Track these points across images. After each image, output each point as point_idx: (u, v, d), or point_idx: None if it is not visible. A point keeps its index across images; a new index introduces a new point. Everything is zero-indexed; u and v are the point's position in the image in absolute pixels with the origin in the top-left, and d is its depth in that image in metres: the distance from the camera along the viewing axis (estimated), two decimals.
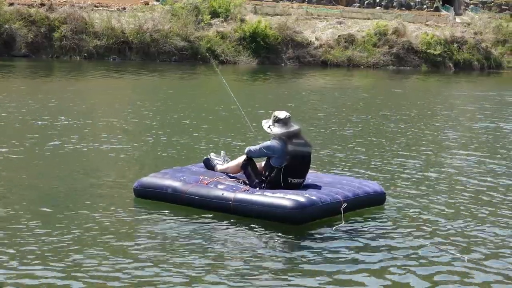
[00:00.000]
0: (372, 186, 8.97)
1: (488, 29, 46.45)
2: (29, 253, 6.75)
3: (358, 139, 14.72)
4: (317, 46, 41.59)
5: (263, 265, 6.70)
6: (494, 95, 28.19)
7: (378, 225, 8.23)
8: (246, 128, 11.72)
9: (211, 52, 38.00)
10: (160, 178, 8.75)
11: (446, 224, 8.36)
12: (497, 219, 8.70)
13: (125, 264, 6.54)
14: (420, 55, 43.53)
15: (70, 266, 6.45)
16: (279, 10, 44.97)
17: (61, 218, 7.93)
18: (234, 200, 8.11)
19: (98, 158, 11.59)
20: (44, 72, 28.87)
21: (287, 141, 8.43)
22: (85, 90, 23.21)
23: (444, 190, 10.22)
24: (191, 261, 6.71)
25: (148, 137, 13.61)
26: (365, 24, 44.70)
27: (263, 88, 27.31)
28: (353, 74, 37.81)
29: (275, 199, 7.99)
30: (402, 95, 26.94)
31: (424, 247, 7.42)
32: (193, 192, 8.35)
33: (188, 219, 8.04)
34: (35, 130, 13.97)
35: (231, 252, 7.05)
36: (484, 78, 40.07)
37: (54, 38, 35.77)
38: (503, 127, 17.81)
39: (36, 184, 9.52)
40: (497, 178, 11.18)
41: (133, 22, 37.62)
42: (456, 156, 13.09)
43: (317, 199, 8.00)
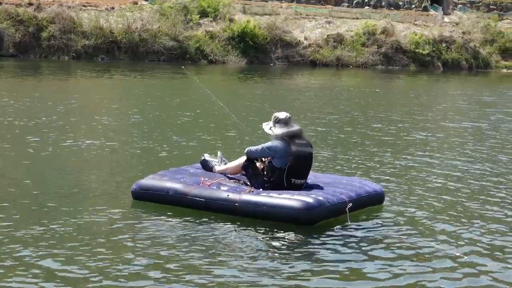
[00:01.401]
0: (372, 185, 8.98)
1: (476, 29, 46.58)
2: (22, 257, 6.64)
3: (348, 138, 14.69)
4: (306, 46, 41.59)
5: (268, 266, 6.63)
6: (484, 94, 28.21)
7: (381, 224, 8.22)
8: (237, 126, 11.63)
9: (200, 51, 37.92)
10: (160, 180, 8.62)
11: (445, 222, 8.38)
12: (494, 216, 8.72)
13: (125, 269, 6.45)
14: (408, 55, 43.61)
15: (65, 271, 6.34)
16: (268, 9, 44.94)
17: (54, 219, 7.83)
18: (240, 202, 8.02)
19: (87, 159, 11.40)
20: (31, 72, 28.56)
21: (290, 142, 8.36)
22: (73, 90, 23.06)
23: (440, 187, 10.22)
24: (195, 264, 6.63)
25: (138, 139, 13.43)
26: (353, 24, 44.75)
27: (252, 87, 27.20)
28: (341, 73, 37.82)
29: (283, 200, 7.92)
30: (391, 95, 26.94)
31: (425, 246, 7.42)
32: (196, 194, 8.25)
33: (189, 221, 7.95)
34: (21, 130, 13.82)
35: (233, 253, 6.97)
36: (473, 77, 40.14)
37: (42, 37, 35.57)
38: (497, 126, 17.80)
39: (28, 187, 9.35)
40: (495, 175, 11.18)
41: (121, 22, 37.47)
42: (449, 155, 13.08)
43: (324, 200, 7.96)
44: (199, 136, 13.95)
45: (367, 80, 35.13)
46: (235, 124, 11.11)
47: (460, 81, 37.12)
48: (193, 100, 20.98)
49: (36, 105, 17.53)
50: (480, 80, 39.19)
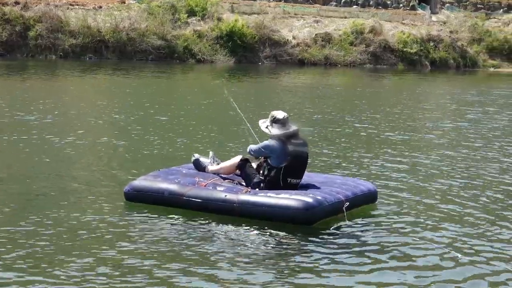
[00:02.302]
0: (366, 184, 9.02)
1: (464, 28, 46.69)
2: (15, 258, 6.57)
3: (338, 137, 14.66)
4: (294, 45, 41.55)
5: (266, 266, 6.59)
6: (472, 93, 28.26)
7: (375, 223, 8.23)
8: (228, 126, 11.57)
9: (188, 51, 37.83)
10: (153, 181, 8.52)
11: (438, 219, 8.43)
12: (493, 212, 8.73)
13: (119, 271, 6.37)
14: (396, 54, 43.63)
15: (58, 275, 6.26)
16: (256, 8, 44.89)
17: (42, 220, 7.75)
18: (238, 202, 7.97)
19: (75, 160, 11.29)
20: (17, 71, 28.36)
21: (286, 142, 8.32)
22: (59, 89, 22.94)
23: (430, 185, 10.26)
24: (191, 266, 6.56)
25: (124, 139, 13.25)
26: (342, 23, 44.75)
27: (240, 86, 27.15)
28: (330, 72, 37.81)
29: (282, 200, 7.89)
30: (381, 94, 26.94)
31: (421, 244, 7.44)
32: (192, 195, 8.16)
33: (183, 222, 7.87)
34: (9, 129, 13.70)
35: (228, 253, 6.90)
36: (460, 76, 40.22)
37: (29, 37, 35.38)
38: (493, 123, 17.82)
39: (15, 188, 9.23)
40: (493, 172, 11.20)
41: (109, 21, 37.31)
42: (440, 152, 13.09)
43: (322, 199, 7.95)
44: (186, 136, 13.85)
45: (354, 79, 35.18)
46: (227, 124, 11.04)
47: (447, 80, 37.16)
48: (177, 100, 20.89)
49: (24, 104, 17.38)
50: (467, 79, 39.27)
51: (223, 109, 17.85)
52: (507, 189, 10.23)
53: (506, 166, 12.09)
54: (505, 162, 12.43)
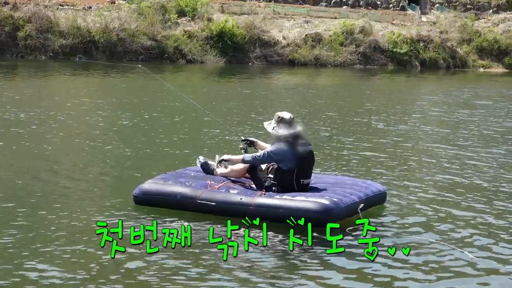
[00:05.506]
0: (375, 185, 9.05)
1: (454, 28, 46.76)
2: (11, 260, 6.52)
3: (338, 137, 14.60)
4: (284, 45, 41.46)
5: (271, 267, 6.56)
6: (467, 91, 28.31)
7: (386, 223, 8.27)
8: (220, 127, 11.49)
9: (178, 51, 37.71)
10: (164, 185, 8.40)
11: (446, 219, 8.49)
12: (498, 211, 8.79)
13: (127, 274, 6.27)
14: (386, 54, 43.64)
15: (66, 276, 6.21)
16: (246, 9, 44.76)
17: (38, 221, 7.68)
18: (254, 205, 7.88)
19: (73, 163, 11.15)
20: (6, 72, 28.09)
21: (294, 143, 8.21)
22: (49, 89, 22.79)
23: (439, 185, 10.29)
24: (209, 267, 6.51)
25: (124, 141, 13.13)
26: (332, 23, 44.69)
27: (230, 87, 27.05)
28: (320, 73, 37.79)
29: (299, 203, 7.83)
30: (372, 94, 26.91)
31: (432, 244, 7.48)
32: (207, 198, 8.06)
33: (199, 225, 7.78)
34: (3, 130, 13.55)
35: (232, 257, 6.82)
36: (450, 76, 40.30)
37: (19, 37, 35.09)
38: (496, 121, 17.82)
39: (17, 191, 9.15)
40: (493, 170, 11.17)
41: (99, 21, 37.11)
42: (441, 151, 13.08)
43: (339, 201, 7.92)
44: (183, 138, 13.72)
45: (345, 79, 35.22)
46: (220, 124, 10.93)
47: (436, 80, 37.27)
48: (168, 100, 20.75)
49: (16, 105, 17.22)
50: (456, 78, 39.33)
51: (219, 110, 17.74)
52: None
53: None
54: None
